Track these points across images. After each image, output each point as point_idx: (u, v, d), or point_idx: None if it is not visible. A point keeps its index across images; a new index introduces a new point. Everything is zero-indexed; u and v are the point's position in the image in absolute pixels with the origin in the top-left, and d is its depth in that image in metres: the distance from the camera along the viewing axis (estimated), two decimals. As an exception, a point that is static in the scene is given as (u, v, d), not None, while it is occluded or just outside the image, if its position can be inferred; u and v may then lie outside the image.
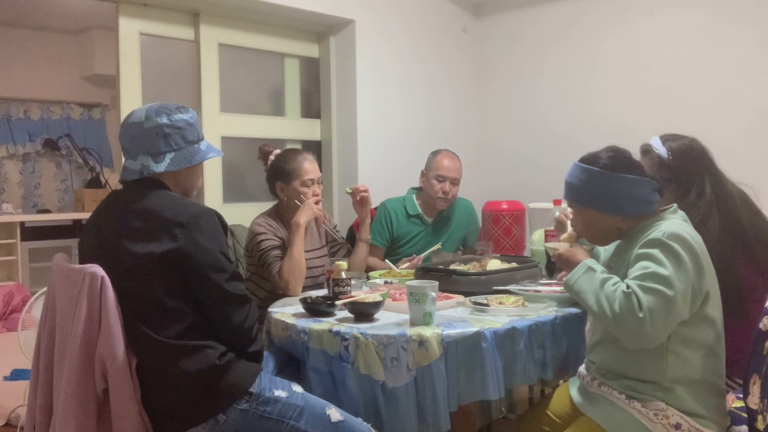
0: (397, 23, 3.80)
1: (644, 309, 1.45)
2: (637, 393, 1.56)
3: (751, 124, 3.19)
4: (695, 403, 1.53)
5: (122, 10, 3.04)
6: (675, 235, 1.52)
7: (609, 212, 1.64)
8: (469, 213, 3.14)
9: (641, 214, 1.64)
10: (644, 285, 1.48)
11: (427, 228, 3.00)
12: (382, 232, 2.97)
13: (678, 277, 1.48)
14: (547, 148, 3.86)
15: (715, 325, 1.57)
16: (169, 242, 1.58)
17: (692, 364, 1.54)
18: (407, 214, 3.00)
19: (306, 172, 2.52)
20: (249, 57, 3.54)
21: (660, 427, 1.52)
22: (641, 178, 1.63)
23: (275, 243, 2.44)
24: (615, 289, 1.51)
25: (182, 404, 1.59)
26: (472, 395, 1.74)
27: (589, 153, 1.69)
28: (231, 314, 1.64)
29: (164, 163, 1.67)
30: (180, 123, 1.71)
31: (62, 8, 5.59)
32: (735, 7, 3.22)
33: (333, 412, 1.68)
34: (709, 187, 1.85)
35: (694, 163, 1.90)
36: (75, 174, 6.61)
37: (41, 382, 1.67)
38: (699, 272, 1.52)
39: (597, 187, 1.63)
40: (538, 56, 3.97)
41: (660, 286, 1.46)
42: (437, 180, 2.91)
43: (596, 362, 1.69)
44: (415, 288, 1.79)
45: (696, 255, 1.52)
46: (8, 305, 4.84)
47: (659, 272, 1.48)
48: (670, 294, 1.46)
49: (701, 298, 1.53)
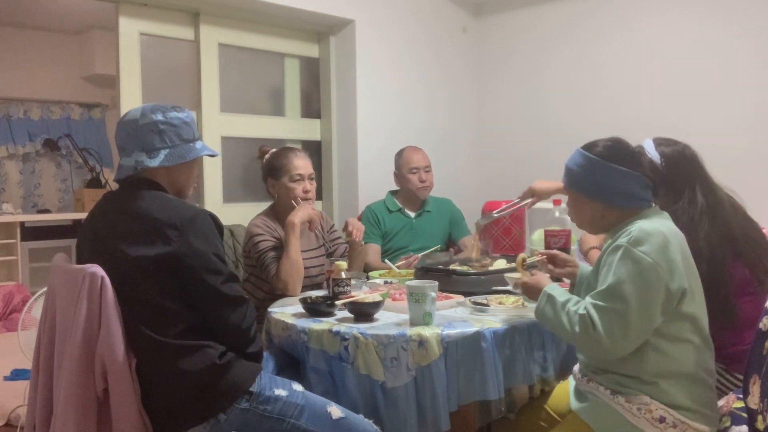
0: (397, 23, 3.80)
1: (598, 329, 1.49)
2: (622, 387, 1.56)
3: (751, 124, 3.19)
4: (680, 396, 1.52)
5: (122, 10, 3.04)
6: (642, 237, 1.51)
7: (594, 199, 1.67)
8: (449, 206, 3.31)
9: (626, 207, 1.64)
10: (598, 304, 1.52)
11: (410, 220, 3.16)
12: (374, 230, 3.11)
13: (635, 286, 1.48)
14: (546, 149, 3.86)
15: (695, 321, 1.55)
16: (162, 245, 1.57)
17: (674, 358, 1.53)
18: (389, 210, 3.17)
19: (294, 168, 2.52)
20: (249, 57, 3.55)
21: (644, 422, 1.51)
22: (631, 171, 1.62)
23: (273, 244, 2.44)
24: (575, 311, 1.56)
25: (182, 404, 1.59)
26: (472, 395, 1.74)
27: (592, 141, 1.71)
28: (228, 316, 1.63)
29: (158, 159, 1.66)
30: (175, 121, 1.70)
31: (62, 8, 5.59)
32: (735, 8, 3.22)
33: (334, 410, 1.68)
34: (701, 195, 1.87)
35: (686, 170, 1.91)
36: (75, 174, 6.62)
37: (41, 382, 1.67)
38: (672, 271, 1.50)
39: (586, 173, 1.66)
40: (538, 56, 3.97)
41: (611, 304, 1.50)
42: (412, 173, 3.11)
43: (584, 359, 1.69)
44: (415, 288, 1.79)
45: (668, 253, 1.51)
46: (8, 305, 4.84)
47: (613, 287, 1.51)
48: (622, 308, 1.48)
49: (677, 296, 1.51)
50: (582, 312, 1.53)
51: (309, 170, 2.56)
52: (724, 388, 1.82)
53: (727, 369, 1.82)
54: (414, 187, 3.11)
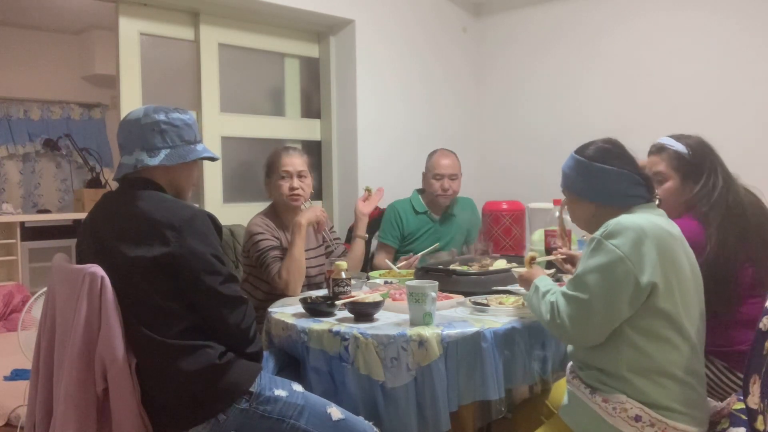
0: (397, 23, 3.80)
1: (561, 316, 1.56)
2: (601, 384, 1.56)
3: (746, 126, 3.20)
4: (656, 394, 1.51)
5: (122, 10, 3.04)
6: (616, 230, 1.53)
7: (586, 199, 1.71)
8: (472, 209, 3.29)
9: (618, 205, 1.65)
10: (566, 293, 1.58)
11: (435, 224, 3.13)
12: (393, 232, 3.08)
13: (601, 277, 1.51)
14: (547, 148, 3.86)
15: (671, 318, 1.53)
16: (161, 246, 1.57)
17: (649, 354, 1.52)
18: (415, 211, 3.12)
19: (283, 165, 2.52)
20: (249, 57, 3.54)
21: (620, 421, 1.51)
22: (619, 170, 1.64)
23: (273, 243, 2.44)
24: (548, 299, 1.63)
25: (182, 404, 1.59)
26: (472, 395, 1.74)
27: (585, 143, 1.74)
28: (227, 316, 1.63)
29: (158, 158, 1.66)
30: (177, 122, 1.70)
31: (62, 8, 5.60)
32: (734, 8, 3.22)
33: (334, 411, 1.68)
34: (721, 180, 1.91)
35: (709, 156, 1.95)
36: (75, 174, 6.62)
37: (41, 382, 1.67)
38: (643, 264, 1.50)
39: (576, 175, 1.70)
40: (538, 55, 3.97)
41: (576, 292, 1.55)
42: (435, 179, 3.06)
43: (572, 354, 1.70)
44: (415, 288, 1.79)
45: (641, 246, 1.51)
46: (8, 305, 4.84)
47: (580, 276, 1.56)
48: (584, 298, 1.52)
49: (647, 290, 1.51)
50: (552, 299, 1.61)
51: (298, 167, 2.53)
52: (727, 388, 1.81)
53: (730, 368, 1.82)
54: (435, 193, 3.06)
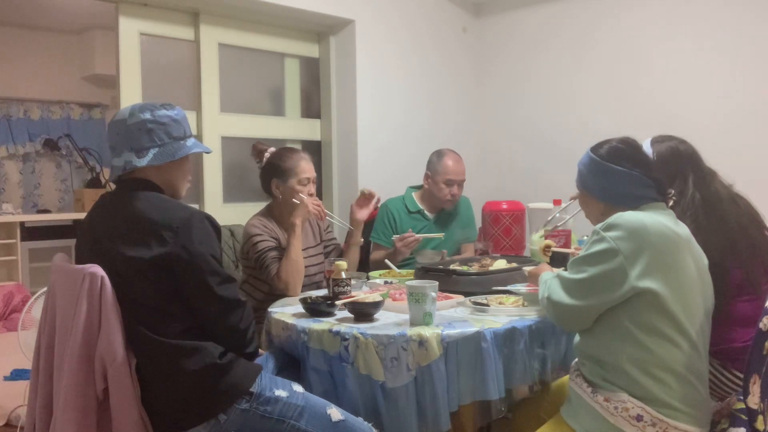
0: (397, 23, 3.80)
1: (549, 293, 1.66)
2: (602, 381, 1.56)
3: (739, 125, 3.21)
4: (657, 390, 1.51)
5: (122, 10, 3.04)
6: (615, 224, 1.56)
7: (594, 198, 1.74)
8: (468, 207, 3.24)
9: (628, 205, 1.66)
10: (560, 274, 1.67)
11: (429, 223, 3.08)
12: (386, 231, 3.04)
13: (591, 263, 1.57)
14: (547, 147, 3.86)
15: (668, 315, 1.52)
16: (158, 247, 1.57)
17: (650, 350, 1.52)
18: (408, 210, 3.08)
19: (303, 171, 2.52)
20: (249, 57, 3.54)
21: (621, 420, 1.51)
22: (629, 171, 1.65)
23: (272, 244, 2.43)
24: (545, 279, 1.74)
25: (183, 404, 1.59)
26: (472, 395, 1.74)
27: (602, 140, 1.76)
28: (225, 317, 1.63)
29: (146, 158, 1.66)
30: (164, 119, 1.69)
31: (62, 8, 5.59)
32: (733, 9, 3.22)
33: (334, 412, 1.68)
34: (693, 187, 1.88)
35: (677, 164, 1.93)
36: (75, 174, 6.62)
37: (41, 382, 1.67)
38: (636, 258, 1.51)
39: (589, 173, 1.73)
40: (538, 55, 3.97)
41: (567, 274, 1.63)
42: (446, 184, 2.98)
43: (576, 347, 1.70)
44: (415, 288, 1.79)
45: (637, 240, 1.52)
46: (8, 305, 4.84)
47: (576, 262, 1.62)
48: (572, 277, 1.60)
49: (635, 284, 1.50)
50: (546, 278, 1.72)
51: (314, 173, 2.57)
52: (722, 385, 1.82)
53: (723, 365, 1.82)
54: (443, 198, 2.99)
